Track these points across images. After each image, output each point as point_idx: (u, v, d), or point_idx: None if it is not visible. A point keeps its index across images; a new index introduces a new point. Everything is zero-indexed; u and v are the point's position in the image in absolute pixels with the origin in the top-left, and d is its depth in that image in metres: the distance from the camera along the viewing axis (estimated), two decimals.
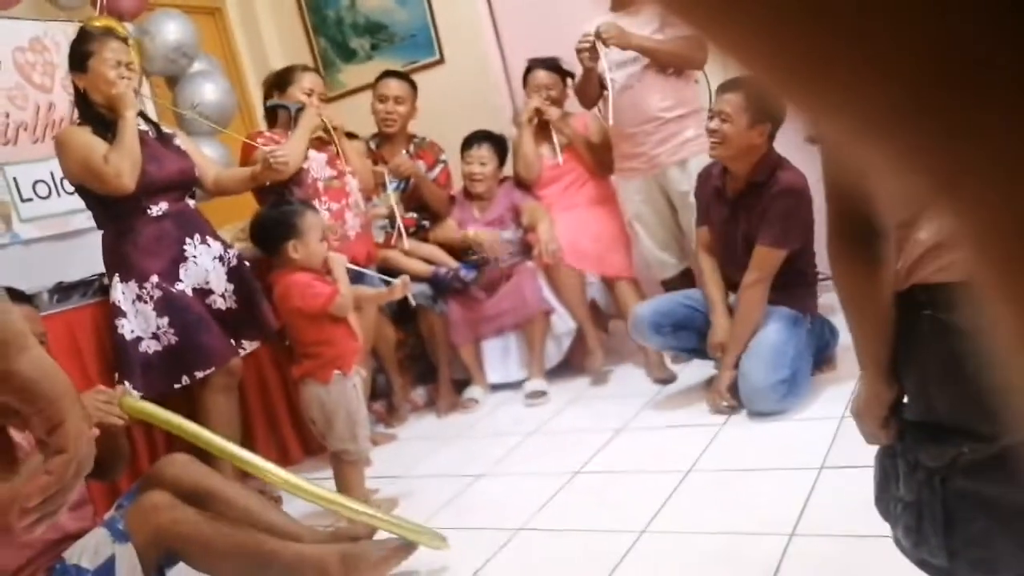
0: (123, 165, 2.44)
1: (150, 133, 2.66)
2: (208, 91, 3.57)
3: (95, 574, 1.70)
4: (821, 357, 2.67)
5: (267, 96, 3.16)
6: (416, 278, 3.36)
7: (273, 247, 2.40)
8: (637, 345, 3.17)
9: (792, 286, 2.63)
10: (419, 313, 3.36)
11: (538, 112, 3.31)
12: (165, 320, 2.52)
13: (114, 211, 2.54)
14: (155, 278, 2.52)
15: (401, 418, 3.30)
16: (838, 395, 2.45)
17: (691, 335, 2.77)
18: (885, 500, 1.03)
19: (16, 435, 0.69)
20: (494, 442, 2.81)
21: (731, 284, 2.71)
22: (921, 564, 0.99)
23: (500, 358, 3.36)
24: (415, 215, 3.50)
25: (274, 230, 2.39)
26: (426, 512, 2.32)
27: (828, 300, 2.66)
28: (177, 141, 2.73)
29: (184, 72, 3.61)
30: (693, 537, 1.87)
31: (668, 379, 3.00)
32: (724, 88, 2.65)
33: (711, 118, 2.63)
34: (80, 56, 2.53)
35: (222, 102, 3.60)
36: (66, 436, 0.65)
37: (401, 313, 3.40)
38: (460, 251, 3.44)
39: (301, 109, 2.95)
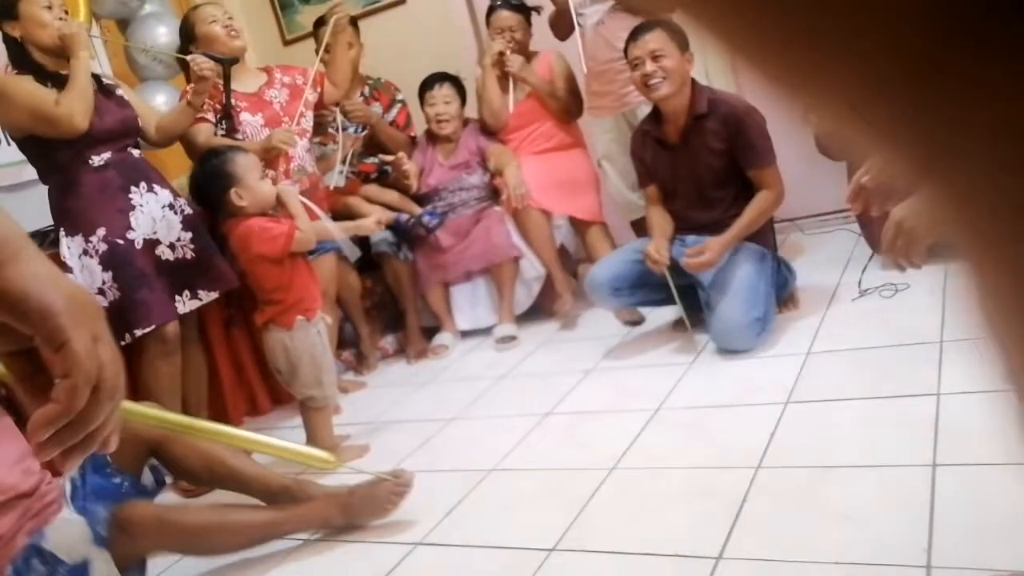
0: (76, 105, 2.38)
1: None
2: (161, 34, 3.45)
3: (71, 572, 1.70)
4: (781, 296, 2.69)
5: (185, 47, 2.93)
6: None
7: (217, 201, 2.34)
8: None
9: None
10: (383, 261, 3.34)
11: (502, 56, 3.24)
12: (109, 275, 2.48)
13: (56, 163, 2.48)
14: (102, 231, 2.48)
15: (371, 366, 3.30)
16: (802, 332, 2.49)
17: (649, 290, 2.75)
18: None
19: None
20: (465, 386, 2.82)
21: (694, 226, 2.70)
22: None
23: (469, 304, 3.36)
24: (376, 161, 3.45)
25: (211, 184, 2.34)
26: (398, 456, 2.34)
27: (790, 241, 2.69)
28: (120, 92, 2.65)
29: (135, 14, 3.49)
30: (662, 472, 1.90)
31: (636, 321, 3.02)
32: (638, 33, 2.65)
33: (637, 65, 2.62)
34: (8, 3, 2.44)
35: (175, 45, 3.49)
36: (70, 357, 0.56)
37: (365, 262, 3.38)
38: (423, 198, 3.40)
39: (236, 62, 2.83)
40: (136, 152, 2.65)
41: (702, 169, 2.64)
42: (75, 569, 1.70)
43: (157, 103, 3.21)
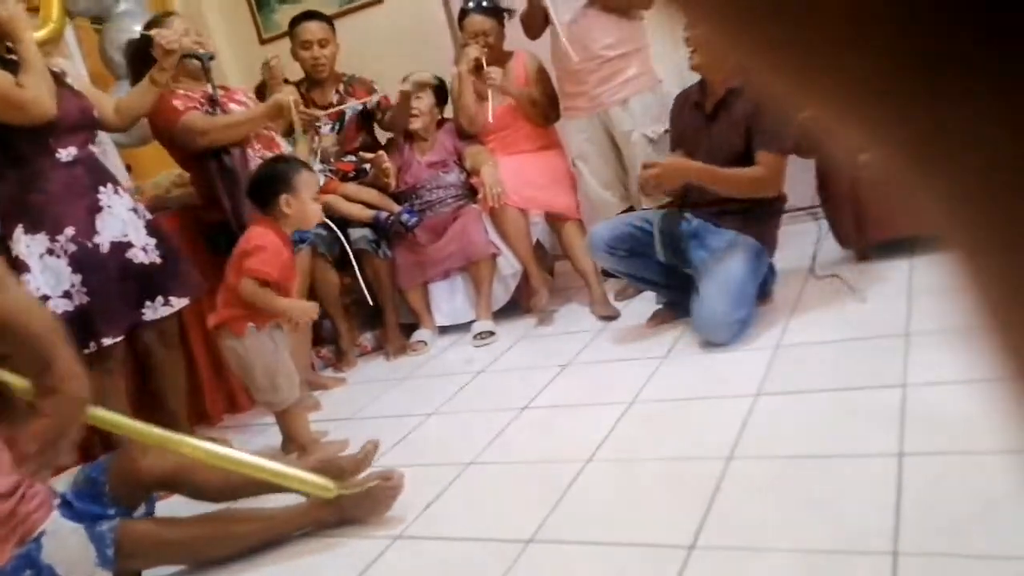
0: (41, 88, 2.24)
1: None
2: (136, 32, 3.43)
3: None
4: (759, 292, 2.73)
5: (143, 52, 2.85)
6: (357, 223, 3.34)
7: (268, 200, 2.39)
8: (581, 284, 3.23)
9: (764, 216, 2.61)
10: (362, 258, 3.35)
11: (477, 62, 3.25)
12: (79, 278, 2.34)
13: (18, 155, 2.31)
14: (70, 230, 2.34)
15: (350, 362, 3.31)
16: (772, 326, 2.54)
17: (641, 264, 2.74)
18: None
19: None
20: (443, 382, 2.84)
21: (707, 199, 2.63)
22: None
23: (447, 300, 3.38)
24: (354, 159, 3.46)
25: (269, 184, 2.40)
26: (378, 451, 2.35)
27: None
28: (69, 80, 2.50)
29: (110, 12, 3.47)
30: (636, 464, 1.94)
31: (612, 316, 3.06)
32: None
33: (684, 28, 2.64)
34: None
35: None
36: (57, 375, 0.60)
37: (344, 258, 3.38)
38: (401, 196, 3.42)
39: (212, 58, 2.82)
40: (95, 149, 2.55)
41: (724, 144, 2.61)
42: None
43: None
